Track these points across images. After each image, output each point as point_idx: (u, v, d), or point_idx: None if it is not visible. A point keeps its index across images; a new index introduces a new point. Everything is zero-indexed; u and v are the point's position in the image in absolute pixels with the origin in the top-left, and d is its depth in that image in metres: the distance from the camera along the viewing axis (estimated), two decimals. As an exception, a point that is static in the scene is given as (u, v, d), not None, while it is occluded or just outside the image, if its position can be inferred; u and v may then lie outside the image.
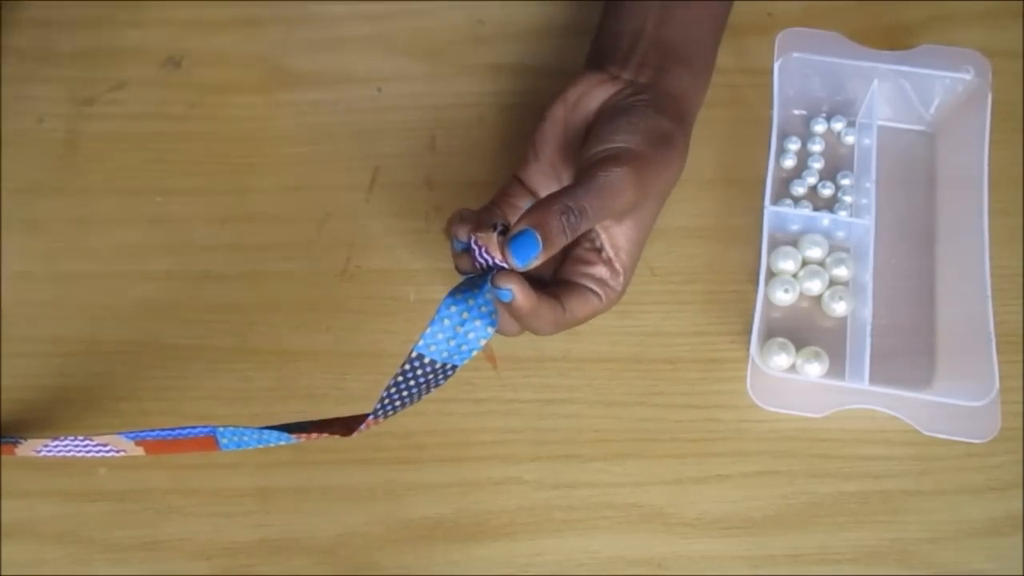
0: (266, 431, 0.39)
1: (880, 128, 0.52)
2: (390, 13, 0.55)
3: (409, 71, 0.53)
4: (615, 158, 0.39)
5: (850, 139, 0.52)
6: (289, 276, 0.49)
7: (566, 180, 0.43)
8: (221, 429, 0.39)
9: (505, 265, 0.37)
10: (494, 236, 0.37)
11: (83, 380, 0.47)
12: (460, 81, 0.53)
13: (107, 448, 0.42)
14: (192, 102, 0.53)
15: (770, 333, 0.48)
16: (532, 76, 0.53)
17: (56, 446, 0.42)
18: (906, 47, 0.51)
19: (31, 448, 0.43)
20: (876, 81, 0.50)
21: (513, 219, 0.41)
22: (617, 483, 0.45)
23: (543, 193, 0.43)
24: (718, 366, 0.47)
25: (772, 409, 0.46)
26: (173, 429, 0.40)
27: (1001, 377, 0.43)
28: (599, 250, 0.42)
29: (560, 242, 0.37)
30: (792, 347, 0.47)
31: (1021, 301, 0.48)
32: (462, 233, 0.40)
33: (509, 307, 0.38)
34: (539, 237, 0.36)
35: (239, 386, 0.47)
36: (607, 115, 0.42)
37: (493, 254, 0.37)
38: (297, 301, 0.48)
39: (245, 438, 0.39)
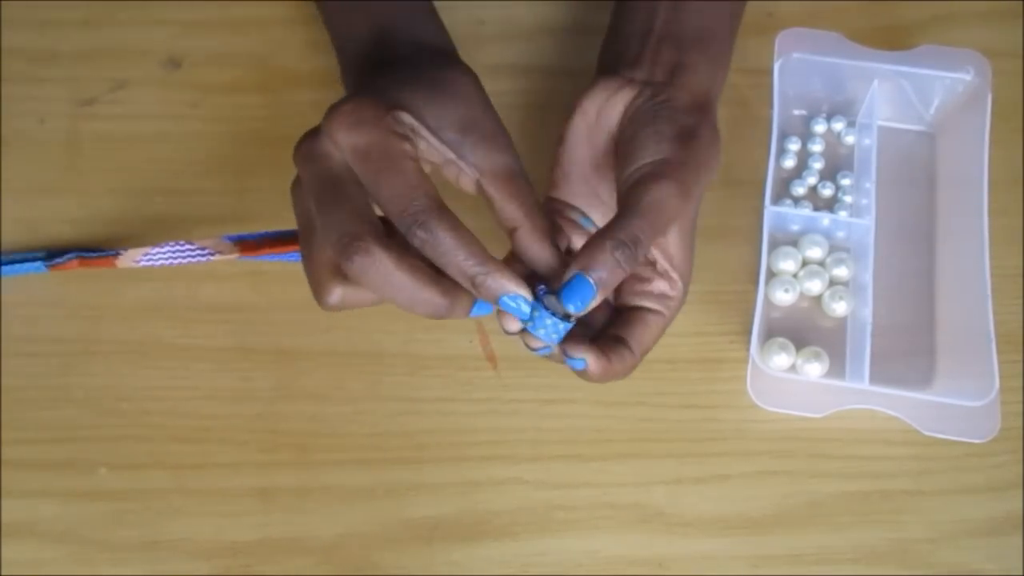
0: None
1: (880, 128, 0.52)
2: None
3: (409, 71, 0.53)
4: (653, 175, 0.38)
5: (850, 139, 0.52)
6: (289, 276, 0.49)
7: (604, 194, 0.42)
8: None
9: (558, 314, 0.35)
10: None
11: (83, 380, 0.47)
12: (460, 81, 0.53)
13: (205, 251, 0.44)
14: (192, 102, 0.53)
15: (770, 333, 0.48)
16: (532, 76, 0.53)
17: (156, 253, 0.44)
18: (906, 47, 0.51)
19: (131, 259, 0.45)
20: (876, 81, 0.50)
21: (577, 241, 0.40)
22: (617, 483, 0.45)
23: (587, 209, 0.42)
24: (718, 366, 0.47)
25: (772, 409, 0.46)
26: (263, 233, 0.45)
27: (1001, 377, 0.43)
28: (653, 263, 0.41)
29: (617, 279, 0.35)
30: (792, 347, 0.47)
31: (1021, 301, 0.48)
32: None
33: (583, 374, 0.38)
34: (592, 280, 0.35)
35: (239, 386, 0.47)
36: (632, 126, 0.40)
37: (551, 305, 0.35)
38: (297, 301, 0.48)
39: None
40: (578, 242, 0.41)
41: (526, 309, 0.35)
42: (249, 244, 0.46)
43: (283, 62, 0.54)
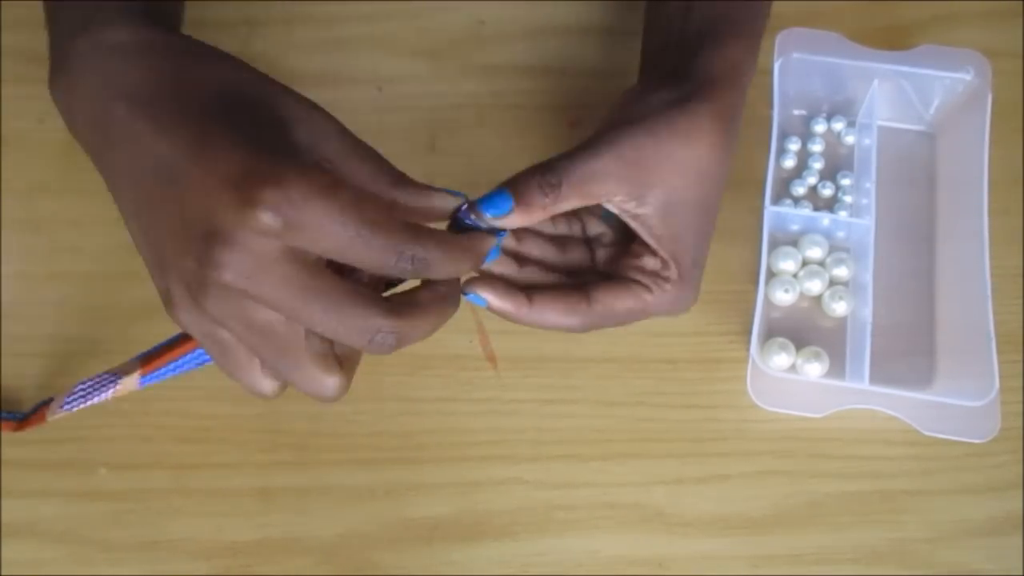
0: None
1: (880, 128, 0.52)
2: (390, 13, 0.55)
3: (409, 71, 0.53)
4: (601, 127, 0.38)
5: (850, 139, 0.52)
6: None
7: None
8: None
9: (482, 226, 0.36)
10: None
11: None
12: (460, 81, 0.53)
13: (115, 377, 0.40)
14: (192, 102, 0.53)
15: (770, 333, 0.48)
16: (532, 76, 0.53)
17: (75, 394, 0.41)
18: (906, 47, 0.51)
19: (57, 407, 0.42)
20: (876, 81, 0.50)
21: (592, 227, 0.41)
22: (617, 483, 0.45)
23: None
24: (718, 366, 0.47)
25: (772, 409, 0.46)
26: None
27: (1001, 377, 0.43)
28: (647, 246, 0.39)
29: (535, 200, 0.35)
30: (792, 347, 0.47)
31: (1021, 301, 0.48)
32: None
33: (501, 314, 0.37)
34: (510, 191, 0.35)
35: (239, 386, 0.47)
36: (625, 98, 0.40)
37: (476, 219, 0.36)
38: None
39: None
40: (593, 228, 0.41)
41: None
42: (149, 358, 0.39)
43: (283, 62, 0.54)
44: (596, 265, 0.41)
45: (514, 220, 0.36)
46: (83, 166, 0.52)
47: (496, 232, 0.36)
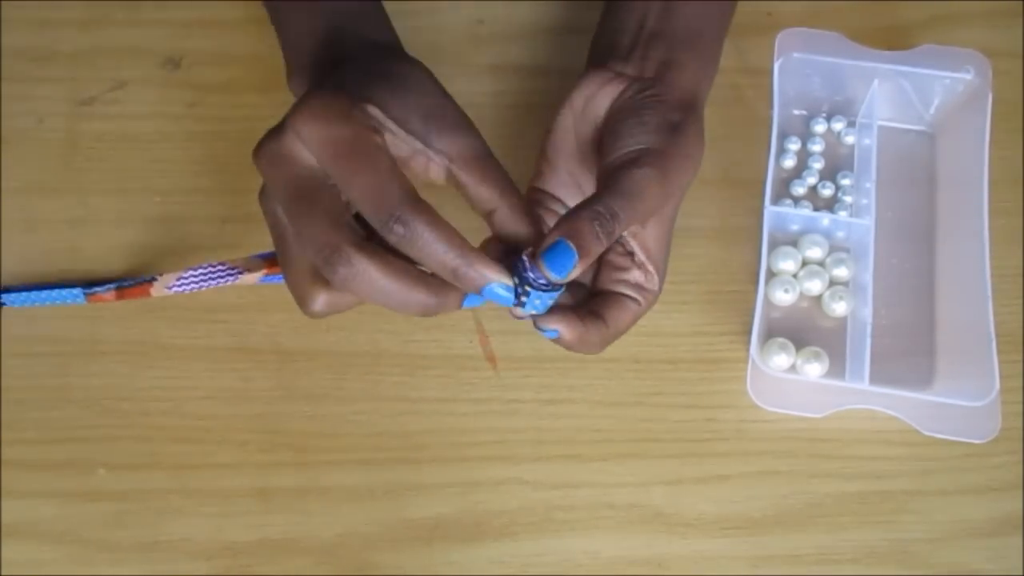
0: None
1: (880, 128, 0.52)
2: (390, 13, 0.55)
3: (409, 71, 0.53)
4: (635, 160, 0.38)
5: (850, 139, 0.52)
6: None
7: (586, 186, 0.42)
8: None
9: (542, 281, 0.35)
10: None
11: (83, 380, 0.47)
12: (460, 81, 0.53)
13: (235, 271, 0.43)
14: (192, 102, 0.53)
15: (770, 333, 0.48)
16: (532, 76, 0.53)
17: (189, 277, 0.43)
18: (906, 47, 0.51)
19: (164, 285, 0.44)
20: (876, 81, 0.50)
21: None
22: (617, 483, 0.45)
23: (568, 201, 0.42)
24: (718, 366, 0.47)
25: (772, 409, 0.46)
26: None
27: (1001, 377, 0.43)
28: (631, 254, 0.41)
29: (596, 249, 0.35)
30: (792, 347, 0.47)
31: (1021, 301, 0.48)
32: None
33: (557, 341, 0.38)
34: (573, 246, 0.35)
35: (239, 386, 0.47)
36: (617, 117, 0.41)
37: (538, 271, 0.35)
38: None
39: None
40: None
41: (508, 295, 0.35)
42: (275, 261, 0.43)
43: (283, 62, 0.54)
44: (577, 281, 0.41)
45: (573, 276, 0.35)
46: (83, 166, 0.52)
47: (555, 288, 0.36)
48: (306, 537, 0.44)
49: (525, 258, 0.35)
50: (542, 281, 0.35)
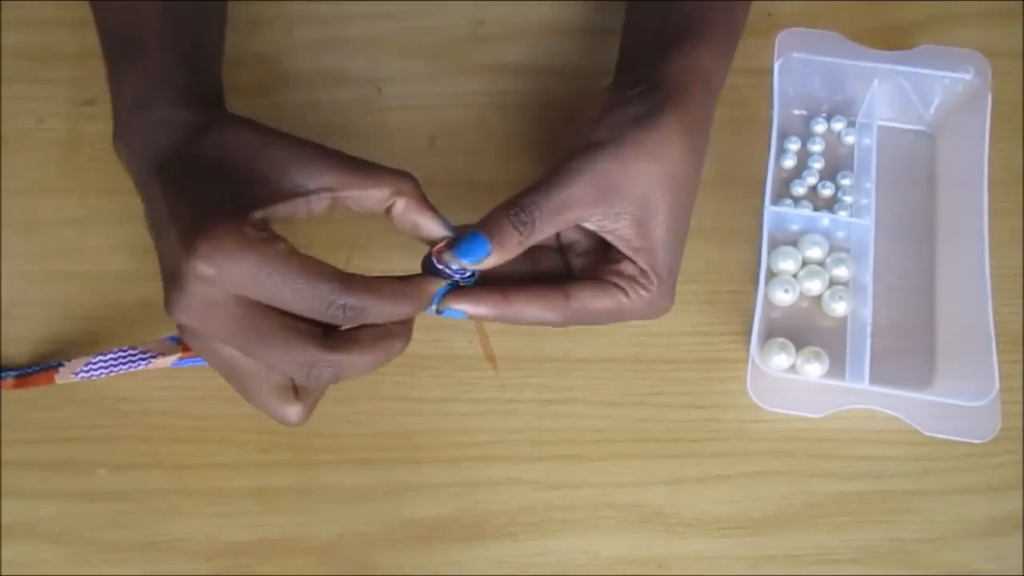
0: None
1: (880, 128, 0.52)
2: (390, 13, 0.55)
3: (409, 71, 0.53)
4: (569, 155, 0.38)
5: (850, 139, 0.52)
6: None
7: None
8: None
9: (454, 267, 0.37)
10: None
11: (82, 380, 0.47)
12: (460, 81, 0.53)
13: (147, 355, 0.43)
14: (192, 102, 0.53)
15: (770, 333, 0.48)
16: (532, 76, 0.53)
17: (97, 362, 0.44)
18: (906, 47, 0.51)
19: (71, 371, 0.44)
20: (876, 81, 0.50)
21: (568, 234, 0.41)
22: (617, 483, 0.45)
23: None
24: (718, 366, 0.47)
25: (772, 409, 0.46)
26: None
27: (1001, 377, 0.43)
28: (625, 254, 0.40)
29: (511, 240, 0.36)
30: (792, 347, 0.47)
31: (1021, 301, 0.48)
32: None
33: (476, 319, 0.39)
34: (486, 235, 0.36)
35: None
36: (595, 112, 0.41)
37: (448, 262, 0.37)
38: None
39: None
40: (567, 236, 0.41)
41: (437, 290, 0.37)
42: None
43: (283, 62, 0.54)
44: (572, 272, 0.42)
45: (490, 262, 0.37)
46: (83, 166, 0.52)
47: (467, 275, 0.38)
48: (306, 537, 0.44)
49: (433, 257, 0.37)
50: (454, 267, 0.37)
